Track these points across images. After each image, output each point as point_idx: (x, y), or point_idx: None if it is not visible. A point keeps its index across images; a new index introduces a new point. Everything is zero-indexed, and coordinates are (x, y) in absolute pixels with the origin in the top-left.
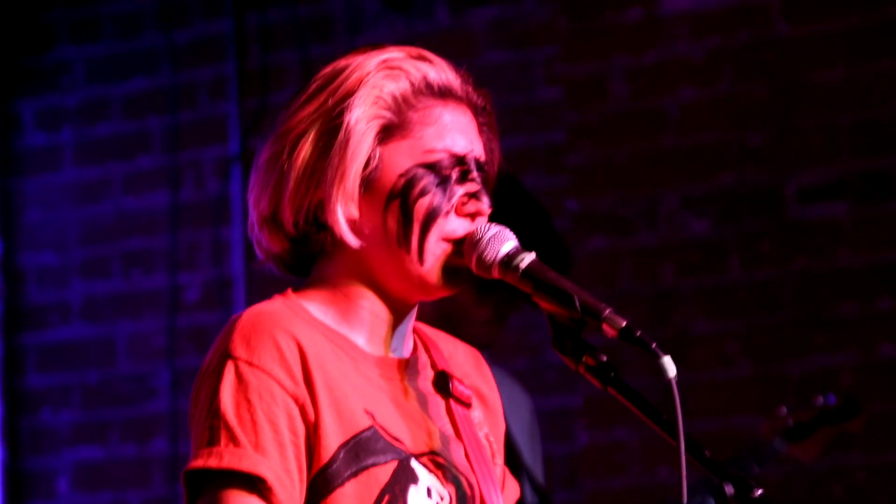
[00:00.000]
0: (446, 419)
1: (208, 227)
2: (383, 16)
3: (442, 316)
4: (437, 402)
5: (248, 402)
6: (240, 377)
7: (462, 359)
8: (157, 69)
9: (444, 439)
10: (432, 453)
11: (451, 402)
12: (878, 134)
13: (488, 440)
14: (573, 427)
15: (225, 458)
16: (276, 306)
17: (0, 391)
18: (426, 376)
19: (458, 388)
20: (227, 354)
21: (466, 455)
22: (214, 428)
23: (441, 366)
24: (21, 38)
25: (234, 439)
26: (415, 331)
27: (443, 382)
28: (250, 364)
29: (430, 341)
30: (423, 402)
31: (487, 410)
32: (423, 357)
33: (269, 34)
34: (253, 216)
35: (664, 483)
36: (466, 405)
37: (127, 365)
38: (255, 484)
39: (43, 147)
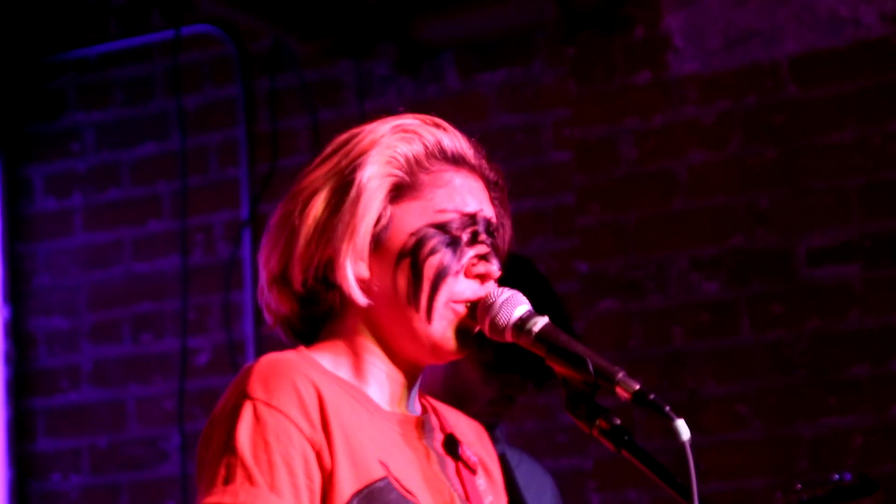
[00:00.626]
0: (457, 481)
1: (218, 292)
2: (392, 80)
3: (449, 393)
4: (449, 464)
5: (266, 442)
6: (258, 418)
7: (465, 429)
8: (166, 134)
9: (456, 499)
10: None
11: (460, 465)
12: (889, 195)
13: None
14: (584, 489)
15: (241, 495)
16: (291, 355)
17: (9, 455)
18: (437, 438)
19: (466, 452)
20: (245, 395)
21: None
22: (231, 466)
23: (448, 430)
24: (31, 103)
25: (250, 478)
26: (419, 395)
27: (452, 445)
28: (269, 405)
29: (434, 407)
30: (437, 461)
31: (491, 482)
32: (434, 419)
33: (278, 98)
34: (263, 277)
35: None
36: (473, 471)
37: (137, 429)
38: None
39: (53, 212)
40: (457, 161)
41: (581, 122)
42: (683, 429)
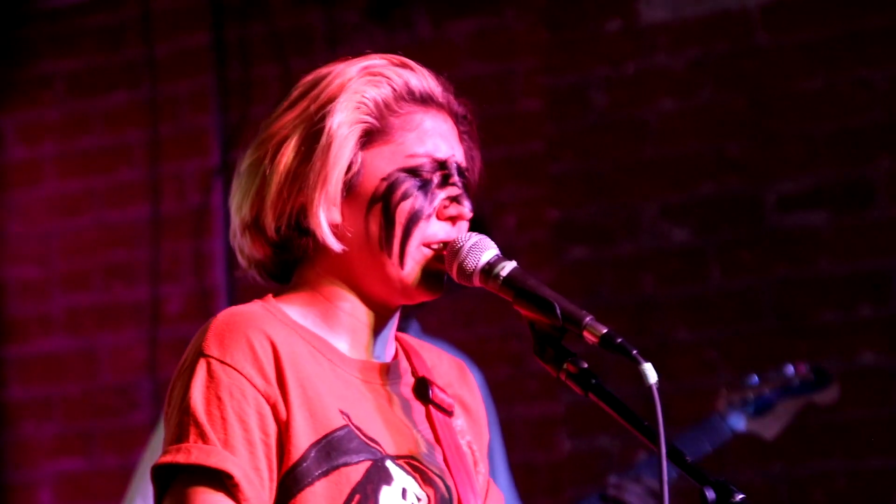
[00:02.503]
0: (426, 425)
1: (190, 239)
2: (363, 28)
3: None
4: (418, 408)
5: (219, 399)
6: (211, 375)
7: (446, 369)
8: (137, 82)
9: (424, 444)
10: (410, 457)
11: (431, 408)
12: (858, 143)
13: (471, 448)
14: (555, 435)
15: (193, 454)
16: (252, 308)
17: None
18: (407, 382)
19: (438, 395)
20: (200, 353)
21: (445, 460)
22: (184, 424)
23: (422, 373)
24: (0, 52)
25: (202, 436)
26: (396, 339)
27: (423, 389)
28: (222, 362)
29: (412, 349)
30: (403, 406)
31: (471, 420)
32: (404, 363)
33: (250, 47)
34: (235, 223)
35: None
36: (447, 412)
37: (109, 377)
38: (222, 481)
39: (24, 160)
40: (425, 101)
41: (552, 71)
42: (650, 372)
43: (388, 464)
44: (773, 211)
